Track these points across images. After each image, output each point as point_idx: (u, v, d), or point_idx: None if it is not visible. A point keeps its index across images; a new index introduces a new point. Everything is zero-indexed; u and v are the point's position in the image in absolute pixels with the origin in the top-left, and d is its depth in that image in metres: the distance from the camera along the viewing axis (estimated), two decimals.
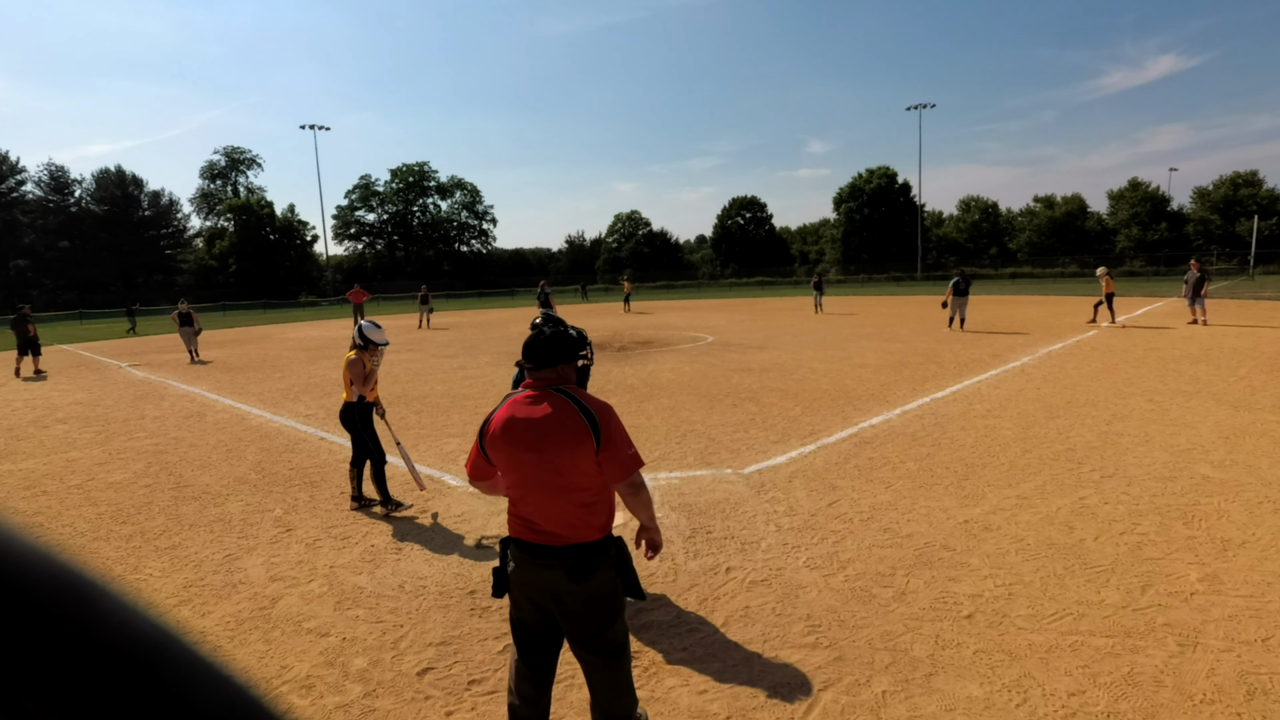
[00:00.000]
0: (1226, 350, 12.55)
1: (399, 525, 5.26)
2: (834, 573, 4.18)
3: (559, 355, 2.52)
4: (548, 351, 2.51)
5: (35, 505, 6.07)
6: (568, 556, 2.37)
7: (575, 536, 2.39)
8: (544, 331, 2.56)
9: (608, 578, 2.43)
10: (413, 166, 79.54)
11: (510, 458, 2.43)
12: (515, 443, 2.42)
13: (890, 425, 7.74)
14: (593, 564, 2.39)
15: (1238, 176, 60.74)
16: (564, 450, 2.37)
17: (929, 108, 62.98)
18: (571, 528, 2.39)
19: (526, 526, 2.44)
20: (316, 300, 62.01)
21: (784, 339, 17.18)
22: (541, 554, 2.40)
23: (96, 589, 0.29)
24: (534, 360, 2.51)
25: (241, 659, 3.52)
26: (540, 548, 2.40)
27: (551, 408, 2.42)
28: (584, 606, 2.40)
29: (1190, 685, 2.98)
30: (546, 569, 2.39)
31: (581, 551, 2.39)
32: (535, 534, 2.41)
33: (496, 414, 2.51)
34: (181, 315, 17.32)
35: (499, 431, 2.46)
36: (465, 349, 17.51)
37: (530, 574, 2.42)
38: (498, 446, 2.46)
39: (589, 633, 2.42)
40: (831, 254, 72.36)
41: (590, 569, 2.38)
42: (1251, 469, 5.79)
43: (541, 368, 2.51)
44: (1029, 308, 24.65)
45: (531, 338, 2.55)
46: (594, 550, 2.41)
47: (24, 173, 64.91)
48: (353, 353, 5.53)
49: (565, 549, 2.38)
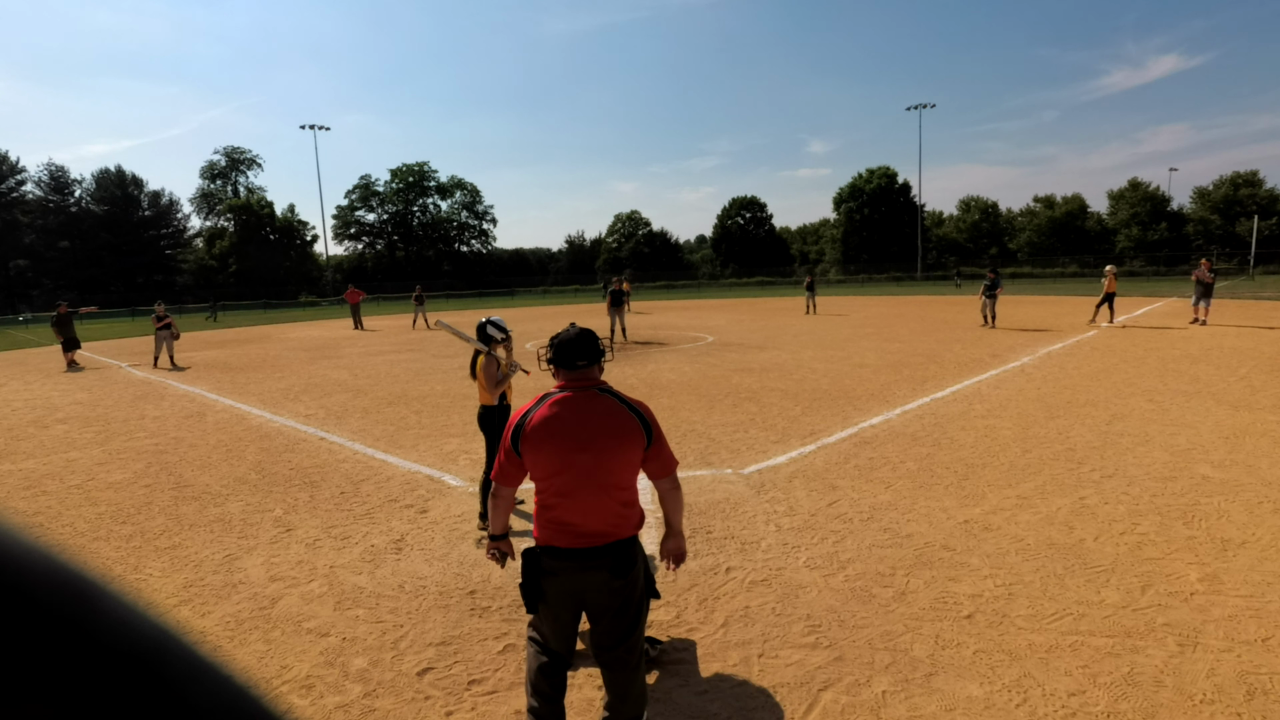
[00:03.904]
0: (1226, 350, 12.55)
1: (399, 525, 5.26)
2: (834, 573, 4.18)
3: (596, 352, 2.52)
4: (586, 349, 2.49)
5: (35, 505, 6.07)
6: (610, 555, 2.39)
7: (617, 534, 2.41)
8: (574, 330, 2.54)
9: (640, 574, 2.47)
10: (412, 166, 79.53)
11: (556, 458, 2.38)
12: (564, 443, 2.38)
13: (890, 425, 7.74)
14: (633, 558, 2.42)
15: (1238, 176, 60.78)
16: (618, 449, 2.38)
17: (929, 108, 63.05)
18: (615, 525, 2.41)
19: (565, 531, 2.40)
20: (317, 300, 62.01)
21: (784, 339, 17.18)
22: (587, 557, 2.38)
23: (96, 589, 0.29)
24: (579, 358, 2.48)
25: (241, 659, 3.52)
26: (584, 551, 2.39)
27: (601, 407, 2.42)
28: (622, 604, 2.41)
29: (1190, 685, 2.98)
30: (591, 570, 2.38)
31: (622, 547, 2.42)
32: (577, 537, 2.39)
33: (535, 414, 2.44)
34: (159, 318, 16.48)
35: (541, 432, 2.40)
36: (465, 349, 17.51)
37: (574, 580, 2.40)
38: (539, 447, 2.40)
39: (622, 631, 2.42)
40: (831, 254, 72.37)
41: (632, 563, 2.42)
42: (1251, 469, 5.79)
43: (585, 366, 2.49)
44: (1029, 308, 24.64)
45: (566, 336, 2.52)
46: (632, 545, 2.45)
47: (24, 173, 64.97)
48: (483, 356, 5.17)
49: (608, 547, 2.40)
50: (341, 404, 10.38)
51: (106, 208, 66.96)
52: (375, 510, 5.61)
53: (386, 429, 8.53)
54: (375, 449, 7.55)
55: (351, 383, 12.53)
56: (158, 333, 16.45)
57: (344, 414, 9.57)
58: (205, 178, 78.58)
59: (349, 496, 5.97)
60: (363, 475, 6.58)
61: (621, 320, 18.24)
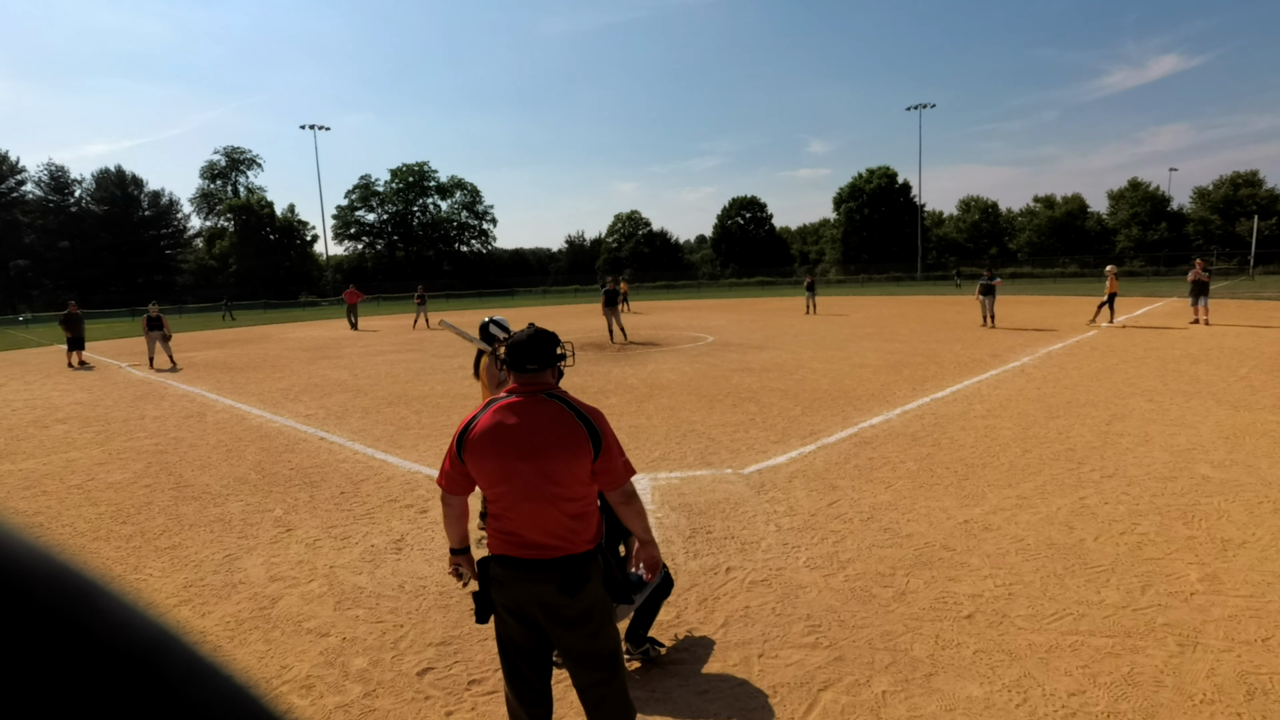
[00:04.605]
0: (1226, 350, 12.55)
1: (399, 525, 5.26)
2: (834, 573, 4.18)
3: (549, 356, 2.39)
4: (538, 351, 2.35)
5: (35, 505, 6.07)
6: (558, 569, 2.26)
7: (566, 548, 2.28)
8: (529, 330, 2.41)
9: (598, 589, 2.34)
10: (412, 166, 79.57)
11: (499, 467, 2.27)
12: (506, 451, 2.26)
13: (890, 425, 7.74)
14: (584, 575, 2.29)
15: (1238, 176, 60.81)
16: (562, 459, 2.25)
17: (929, 108, 63.13)
18: (562, 539, 2.28)
19: (512, 541, 2.30)
20: (317, 300, 62.04)
21: (784, 339, 17.18)
22: (532, 568, 2.27)
23: (96, 589, 0.29)
24: (527, 361, 2.35)
25: (241, 659, 3.52)
26: (530, 562, 2.28)
27: (547, 414, 2.29)
28: (576, 619, 2.29)
29: (1190, 685, 2.98)
30: (537, 583, 2.27)
31: (573, 563, 2.28)
32: (524, 548, 2.29)
33: (479, 420, 2.33)
34: (150, 319, 16.26)
35: (485, 439, 2.29)
36: (465, 349, 17.50)
37: (519, 589, 2.29)
38: (482, 455, 2.29)
39: (581, 646, 2.32)
40: (831, 254, 72.39)
41: (582, 581, 2.28)
42: (1251, 469, 5.79)
43: (535, 370, 2.36)
44: (1029, 308, 24.64)
45: (519, 338, 2.39)
46: (585, 561, 2.31)
47: (24, 173, 65.04)
48: (486, 357, 5.13)
49: (556, 561, 2.27)
50: (342, 404, 10.38)
51: (106, 208, 66.99)
52: (375, 510, 5.61)
53: (387, 429, 8.53)
54: (375, 449, 7.55)
55: (352, 383, 12.53)
56: (148, 334, 16.26)
57: (344, 414, 9.58)
58: (205, 178, 78.72)
59: (349, 496, 5.97)
60: (363, 475, 6.58)
61: (618, 320, 18.25)
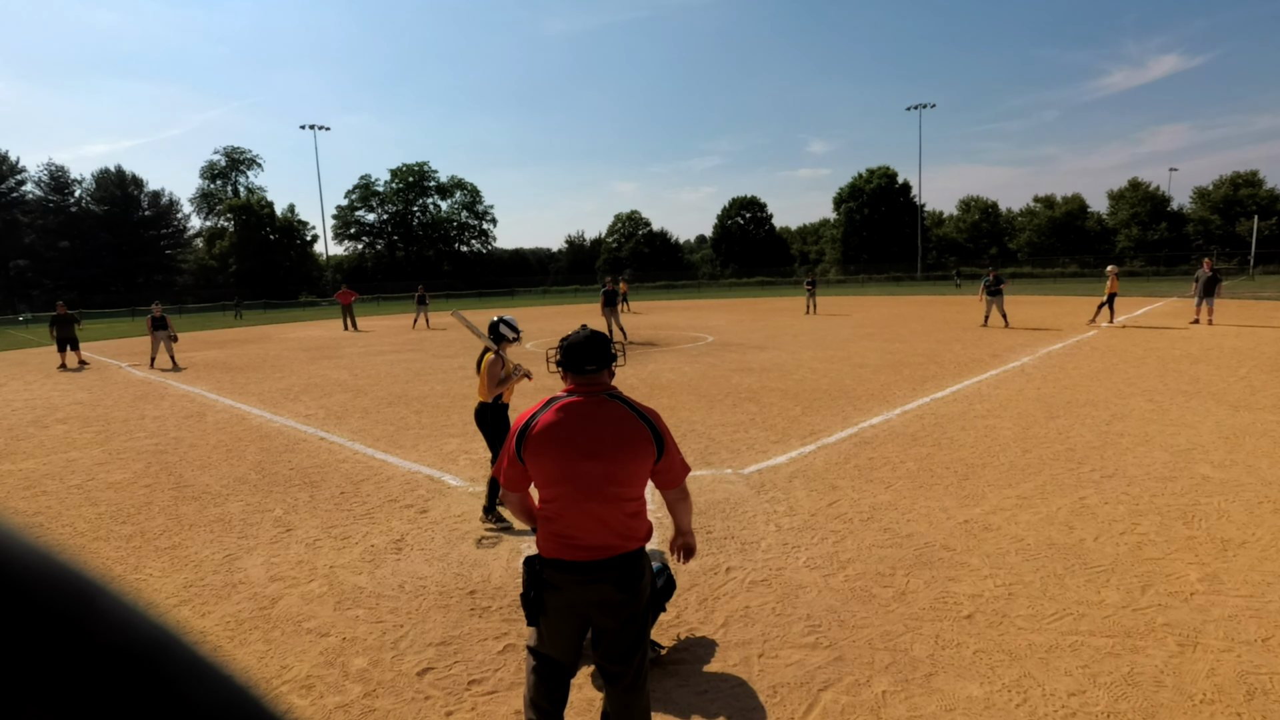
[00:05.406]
0: (1226, 350, 12.55)
1: (399, 525, 5.26)
2: (834, 573, 4.18)
3: (606, 356, 2.40)
4: (596, 352, 2.36)
5: (35, 505, 6.07)
6: (616, 568, 2.28)
7: (624, 546, 2.31)
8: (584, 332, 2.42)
9: (650, 584, 2.39)
10: (412, 166, 79.56)
11: (561, 466, 2.27)
12: (569, 450, 2.26)
13: (890, 425, 7.74)
14: (640, 571, 2.32)
15: (1238, 176, 60.80)
16: (627, 459, 2.26)
17: (929, 108, 63.10)
18: (621, 538, 2.30)
19: (568, 544, 2.30)
20: (317, 300, 62.03)
21: (784, 339, 17.18)
22: (591, 570, 2.28)
23: (96, 589, 0.29)
24: (587, 362, 2.35)
25: (241, 659, 3.52)
26: (588, 564, 2.28)
27: (610, 415, 2.29)
28: (628, 617, 2.31)
29: (1190, 685, 2.98)
30: (594, 584, 2.28)
31: (628, 560, 2.31)
32: (581, 550, 2.28)
33: (540, 419, 2.32)
34: (154, 319, 16.24)
35: (546, 438, 2.28)
36: (465, 349, 17.50)
37: (577, 594, 2.30)
38: (543, 454, 2.28)
39: (627, 645, 2.32)
40: (831, 254, 72.39)
41: (639, 577, 2.31)
42: (1251, 469, 5.79)
43: (594, 371, 2.36)
44: (1029, 308, 24.63)
45: (575, 339, 2.40)
46: (639, 557, 2.34)
47: (24, 173, 65.03)
48: (490, 354, 5.19)
49: (613, 560, 2.29)
50: (341, 404, 10.38)
51: (106, 208, 66.97)
52: (375, 510, 5.61)
53: (386, 429, 8.53)
54: (375, 449, 7.55)
55: (351, 383, 12.53)
56: (154, 334, 16.29)
57: (344, 414, 9.57)
58: (205, 178, 78.68)
59: (349, 496, 5.97)
60: (363, 475, 6.58)
61: (617, 320, 18.25)
